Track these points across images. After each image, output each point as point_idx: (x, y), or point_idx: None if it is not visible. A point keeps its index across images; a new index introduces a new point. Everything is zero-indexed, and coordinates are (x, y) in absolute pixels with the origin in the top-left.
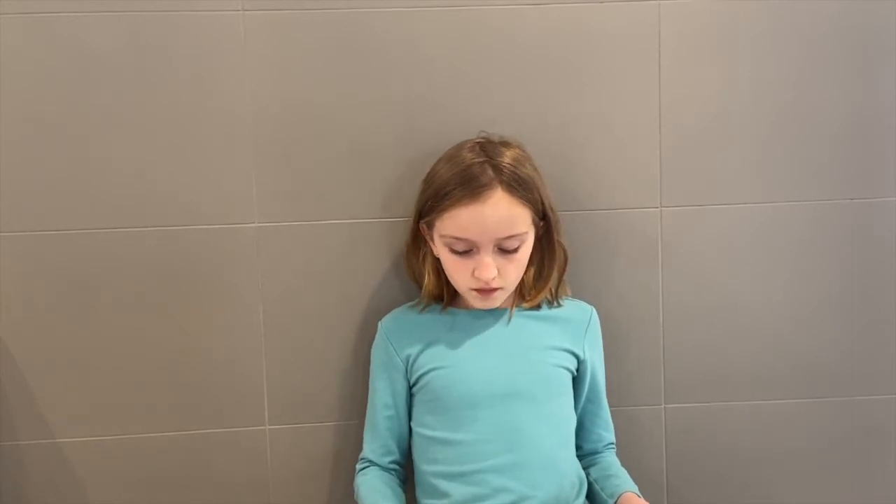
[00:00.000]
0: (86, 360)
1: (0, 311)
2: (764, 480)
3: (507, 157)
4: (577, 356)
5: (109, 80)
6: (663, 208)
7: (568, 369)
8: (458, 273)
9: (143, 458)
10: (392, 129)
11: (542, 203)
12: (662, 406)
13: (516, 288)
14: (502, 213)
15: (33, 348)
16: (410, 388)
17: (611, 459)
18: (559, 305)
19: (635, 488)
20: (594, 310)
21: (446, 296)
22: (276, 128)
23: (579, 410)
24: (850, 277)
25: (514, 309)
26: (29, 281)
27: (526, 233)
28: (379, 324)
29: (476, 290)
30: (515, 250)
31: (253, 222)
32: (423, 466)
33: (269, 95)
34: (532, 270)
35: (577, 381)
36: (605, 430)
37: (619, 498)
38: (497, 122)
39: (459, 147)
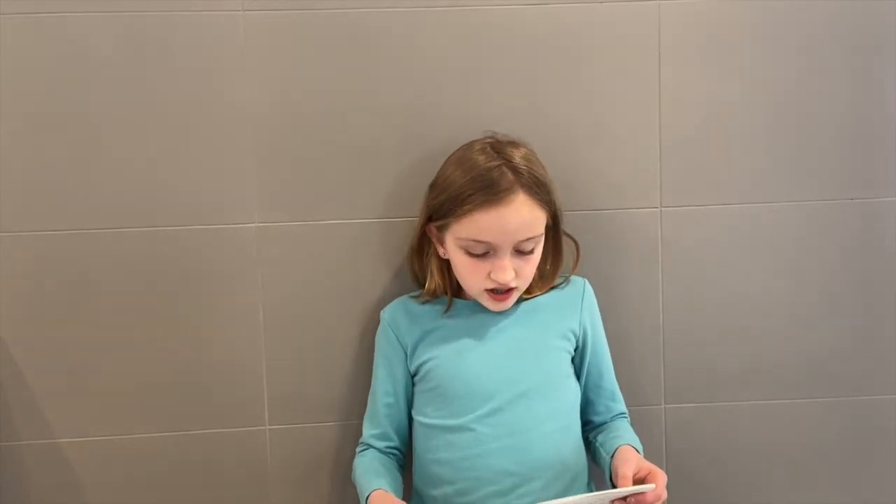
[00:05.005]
0: (86, 360)
1: (0, 311)
2: (764, 480)
3: (519, 156)
4: (574, 333)
5: (110, 79)
6: (663, 208)
7: (568, 351)
8: (473, 275)
9: (143, 458)
10: (392, 129)
11: (554, 203)
12: (662, 406)
13: None
14: (524, 215)
15: (33, 348)
16: (412, 376)
17: (619, 423)
18: (553, 287)
19: (635, 444)
20: (586, 280)
21: (449, 292)
22: (277, 128)
23: (583, 384)
24: (850, 277)
25: None
26: (29, 281)
27: (542, 234)
28: (381, 313)
29: (490, 291)
30: (531, 251)
31: (253, 222)
32: (425, 454)
33: (269, 95)
34: (540, 266)
35: (577, 354)
36: (613, 401)
37: (615, 452)
38: (497, 121)
39: (468, 149)
